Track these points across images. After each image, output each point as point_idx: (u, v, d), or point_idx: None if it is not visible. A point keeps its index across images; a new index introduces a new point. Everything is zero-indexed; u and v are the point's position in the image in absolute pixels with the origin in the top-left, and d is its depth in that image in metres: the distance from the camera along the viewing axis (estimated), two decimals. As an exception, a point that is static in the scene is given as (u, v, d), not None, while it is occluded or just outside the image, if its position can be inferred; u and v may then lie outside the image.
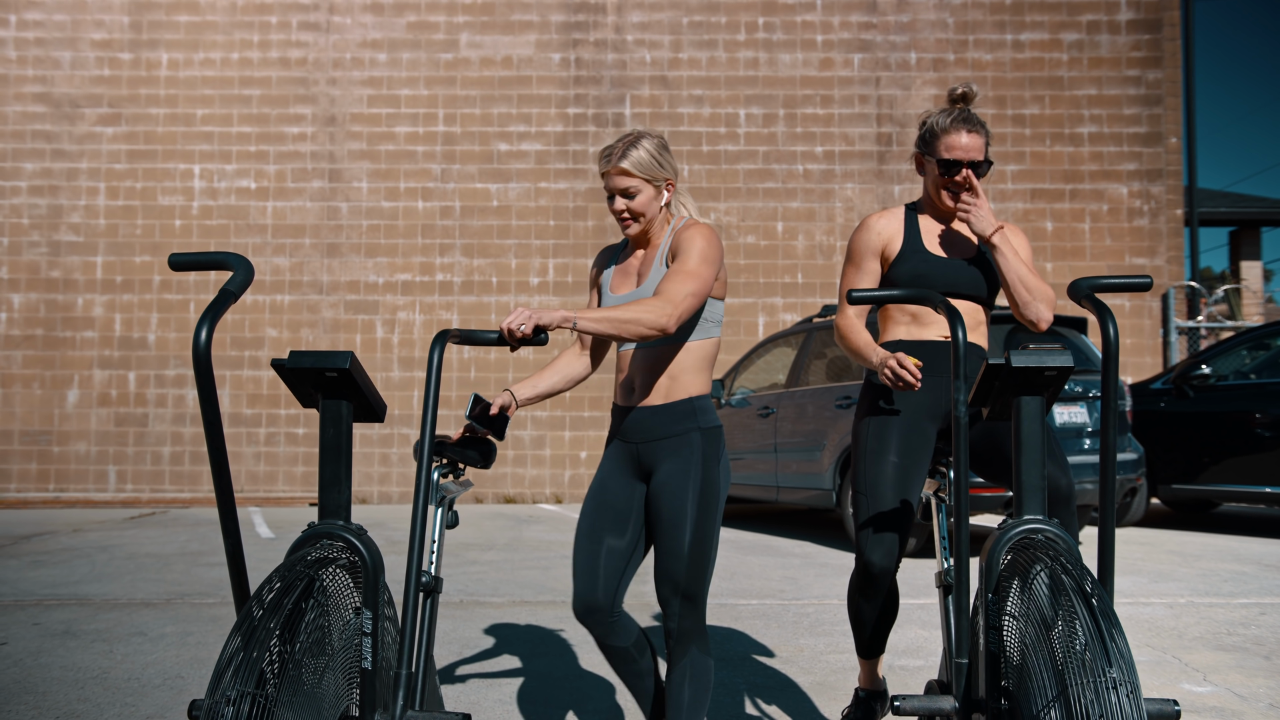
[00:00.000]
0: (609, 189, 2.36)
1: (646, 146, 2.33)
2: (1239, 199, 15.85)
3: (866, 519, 2.36)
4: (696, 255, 2.26)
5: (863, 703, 2.53)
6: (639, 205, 2.34)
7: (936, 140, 2.39)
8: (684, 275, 2.22)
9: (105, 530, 7.50)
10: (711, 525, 2.25)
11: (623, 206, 2.34)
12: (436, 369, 1.95)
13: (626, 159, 2.31)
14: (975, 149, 2.37)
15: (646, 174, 2.32)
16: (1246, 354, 7.60)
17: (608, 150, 2.35)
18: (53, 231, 10.28)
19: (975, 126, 2.37)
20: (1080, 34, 10.33)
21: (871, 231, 2.49)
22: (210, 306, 1.62)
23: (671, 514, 2.24)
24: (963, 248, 2.46)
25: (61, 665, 3.46)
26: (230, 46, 10.41)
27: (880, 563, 2.33)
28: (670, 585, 2.22)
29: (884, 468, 2.37)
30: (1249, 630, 3.96)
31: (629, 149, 2.32)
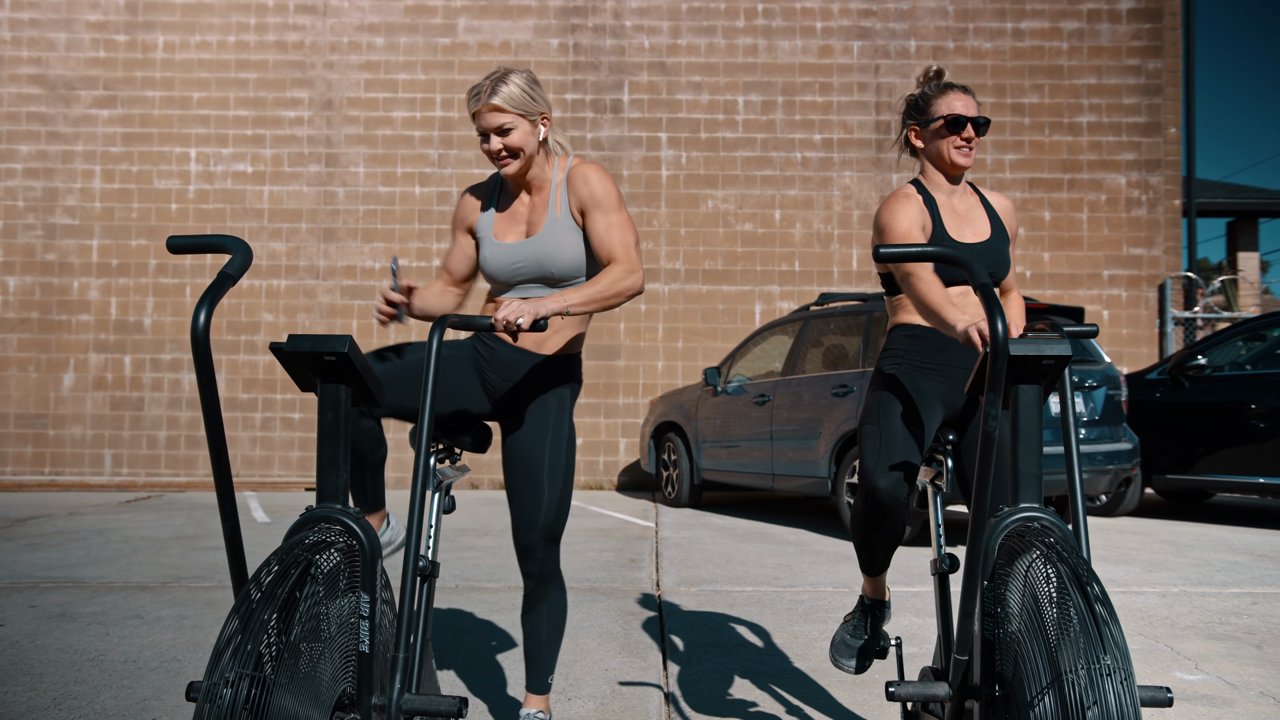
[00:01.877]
0: (483, 128, 2.30)
1: (516, 81, 2.28)
2: (1237, 190, 15.85)
3: (875, 448, 2.33)
4: (614, 201, 2.30)
5: (868, 609, 2.56)
6: (516, 141, 2.29)
7: (934, 102, 2.41)
8: (619, 227, 2.28)
9: (101, 514, 7.50)
10: (572, 472, 2.39)
11: (499, 145, 2.29)
12: (436, 354, 1.95)
13: (497, 95, 2.26)
14: (973, 107, 2.41)
15: (520, 109, 2.28)
16: (1242, 345, 7.62)
17: (476, 89, 2.28)
18: (48, 214, 10.23)
19: (967, 89, 2.43)
20: (1080, 23, 10.29)
21: (914, 204, 2.36)
22: (209, 290, 1.61)
23: (538, 464, 2.34)
24: (978, 229, 2.46)
25: (58, 647, 3.47)
26: (227, 29, 10.35)
27: (888, 489, 2.28)
28: (539, 530, 2.33)
29: (896, 413, 2.36)
30: (1241, 619, 3.99)
31: (498, 84, 2.27)
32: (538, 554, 2.35)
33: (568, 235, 2.32)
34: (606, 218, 2.29)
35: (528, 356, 2.37)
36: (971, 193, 2.52)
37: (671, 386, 10.00)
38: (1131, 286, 10.15)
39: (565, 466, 2.38)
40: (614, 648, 3.53)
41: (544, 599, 2.41)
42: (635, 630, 3.80)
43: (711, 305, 10.17)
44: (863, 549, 2.44)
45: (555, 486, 2.35)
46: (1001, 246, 2.44)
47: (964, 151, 2.41)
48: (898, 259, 1.79)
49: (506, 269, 2.35)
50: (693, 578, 4.91)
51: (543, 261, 2.32)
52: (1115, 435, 6.68)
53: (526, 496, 2.34)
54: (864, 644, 2.57)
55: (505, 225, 2.39)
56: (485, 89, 2.27)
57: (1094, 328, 2.35)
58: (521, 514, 2.35)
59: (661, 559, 5.52)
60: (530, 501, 2.34)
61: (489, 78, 2.29)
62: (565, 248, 2.31)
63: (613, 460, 10.12)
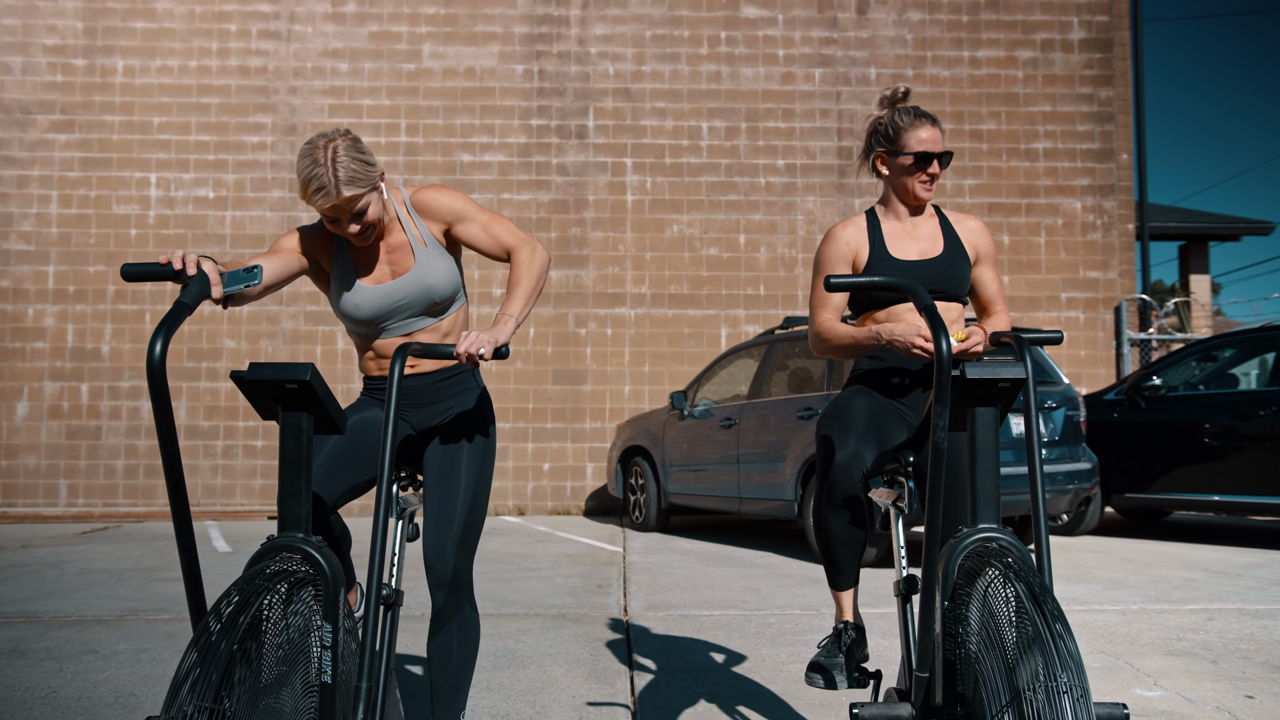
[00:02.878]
0: (334, 218, 2.18)
1: (350, 156, 2.12)
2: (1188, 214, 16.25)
3: (831, 428, 2.36)
4: (471, 206, 2.33)
5: (839, 634, 2.49)
6: (373, 215, 2.21)
7: (902, 135, 2.45)
8: (493, 221, 2.33)
9: (55, 546, 7.33)
10: (488, 478, 2.35)
11: (357, 229, 2.20)
12: (397, 382, 1.94)
13: (345, 185, 2.11)
14: (940, 141, 2.46)
15: (367, 184, 2.16)
16: (1196, 365, 7.79)
17: (319, 185, 2.09)
18: (2, 240, 10.05)
19: (934, 118, 2.47)
20: (1035, 52, 10.55)
21: (840, 241, 2.52)
22: (165, 319, 1.60)
23: (453, 467, 2.30)
24: (927, 246, 2.51)
25: (8, 685, 3.38)
26: (188, 54, 10.28)
27: (843, 461, 2.29)
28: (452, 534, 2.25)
29: (857, 405, 2.42)
30: (1198, 635, 4.06)
31: (335, 168, 2.10)
32: (448, 558, 2.23)
33: (440, 262, 2.33)
34: (476, 221, 2.33)
35: (428, 379, 2.38)
36: (932, 215, 2.57)
37: (638, 410, 10.01)
38: (1089, 309, 10.36)
39: (481, 470, 2.34)
40: (581, 674, 3.51)
41: (454, 616, 2.26)
42: (603, 656, 3.78)
43: (678, 329, 10.22)
44: (825, 544, 2.42)
45: (470, 487, 2.30)
46: (955, 265, 2.48)
47: (927, 186, 2.49)
48: (846, 288, 1.92)
49: (385, 309, 2.30)
50: (660, 602, 4.89)
51: (427, 293, 2.31)
52: (1075, 455, 6.79)
53: (439, 498, 2.28)
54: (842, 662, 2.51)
55: (366, 268, 2.32)
56: (329, 182, 2.10)
57: (1059, 334, 2.39)
58: (433, 516, 2.27)
59: (629, 584, 5.50)
60: (444, 502, 2.27)
61: (317, 164, 2.10)
62: (443, 274, 2.32)
63: (580, 485, 10.08)
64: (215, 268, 1.86)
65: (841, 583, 2.47)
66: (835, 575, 2.47)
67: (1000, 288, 2.61)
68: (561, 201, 10.29)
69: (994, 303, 2.60)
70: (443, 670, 2.27)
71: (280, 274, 2.24)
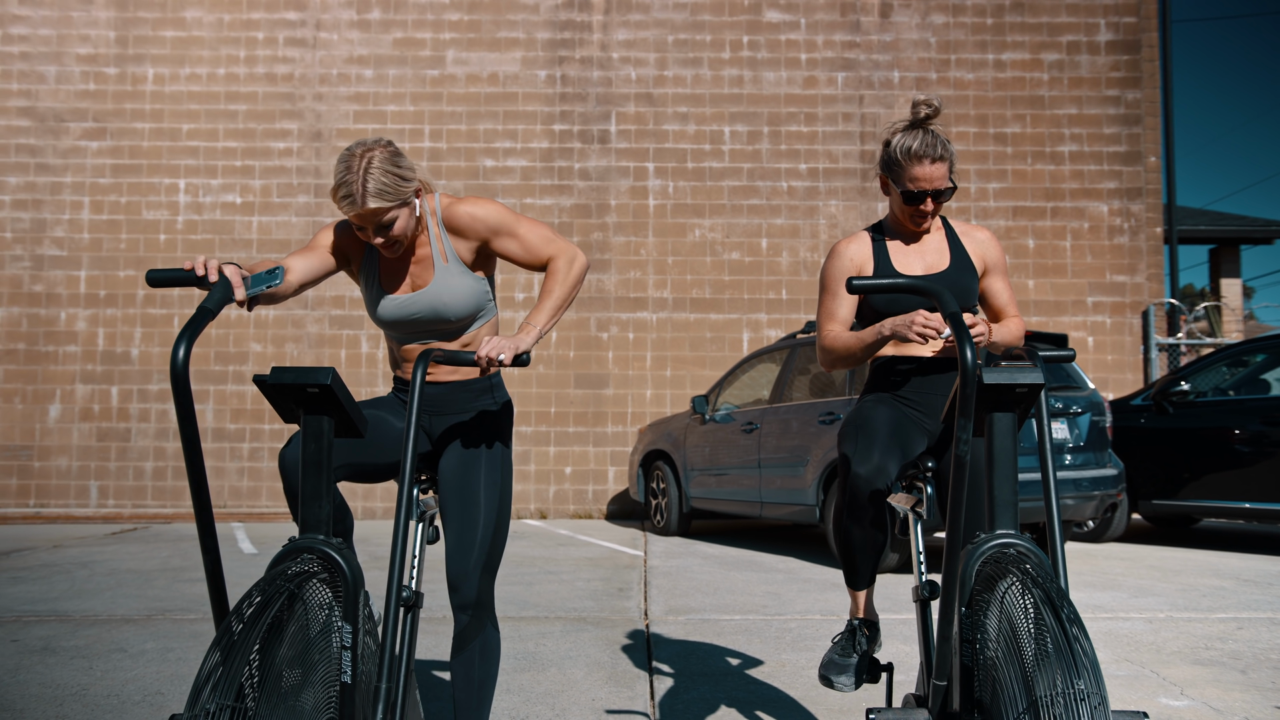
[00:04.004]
0: (360, 225, 2.17)
1: (380, 169, 2.10)
2: (1218, 217, 16.04)
3: (853, 443, 2.34)
4: (509, 218, 2.27)
5: (855, 629, 2.54)
6: (399, 231, 2.18)
7: (901, 170, 2.41)
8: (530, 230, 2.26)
9: (86, 546, 7.44)
10: (508, 496, 2.32)
11: (382, 240, 2.18)
12: (420, 388, 1.96)
13: (372, 196, 2.09)
14: (938, 178, 2.39)
15: (397, 198, 2.13)
16: (1226, 370, 7.69)
17: (347, 192, 2.10)
18: (36, 245, 10.23)
19: (939, 155, 2.37)
20: (1060, 54, 10.47)
21: (844, 258, 2.52)
22: (188, 324, 1.63)
23: (472, 486, 2.27)
24: (933, 261, 2.51)
25: (40, 682, 3.44)
26: (216, 62, 10.42)
27: (865, 475, 2.28)
28: (474, 555, 2.24)
29: (878, 415, 2.40)
30: (1226, 645, 4.00)
31: (366, 181, 2.09)
32: (473, 582, 2.24)
33: (459, 280, 2.29)
34: (514, 236, 2.27)
35: (449, 388, 2.36)
36: (939, 229, 2.56)
37: (660, 415, 10.01)
38: (1115, 313, 10.25)
39: (501, 489, 2.31)
40: (601, 677, 3.52)
41: (477, 635, 2.28)
42: (622, 660, 3.79)
43: (699, 334, 10.22)
44: (845, 551, 2.44)
45: (491, 510, 2.28)
46: (963, 279, 2.47)
47: (920, 221, 2.47)
48: (869, 290, 1.87)
49: (402, 319, 2.31)
50: (681, 606, 4.89)
51: (438, 311, 2.29)
52: (1101, 461, 6.72)
53: (460, 521, 2.27)
54: (856, 663, 2.55)
55: (391, 276, 2.32)
56: (357, 191, 2.09)
57: (1071, 352, 2.38)
58: (455, 539, 2.26)
59: (650, 588, 5.50)
60: (465, 525, 2.26)
61: (351, 170, 2.10)
62: (458, 294, 2.28)
63: (601, 489, 10.10)
64: (238, 271, 1.87)
65: (858, 582, 2.50)
66: (853, 576, 2.49)
67: (1011, 296, 2.60)
68: (583, 206, 10.32)
69: (1005, 311, 2.59)
70: (465, 686, 2.29)
71: (313, 272, 2.26)
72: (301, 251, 2.28)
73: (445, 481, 2.32)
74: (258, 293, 1.91)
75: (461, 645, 2.29)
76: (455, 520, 2.28)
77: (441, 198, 2.33)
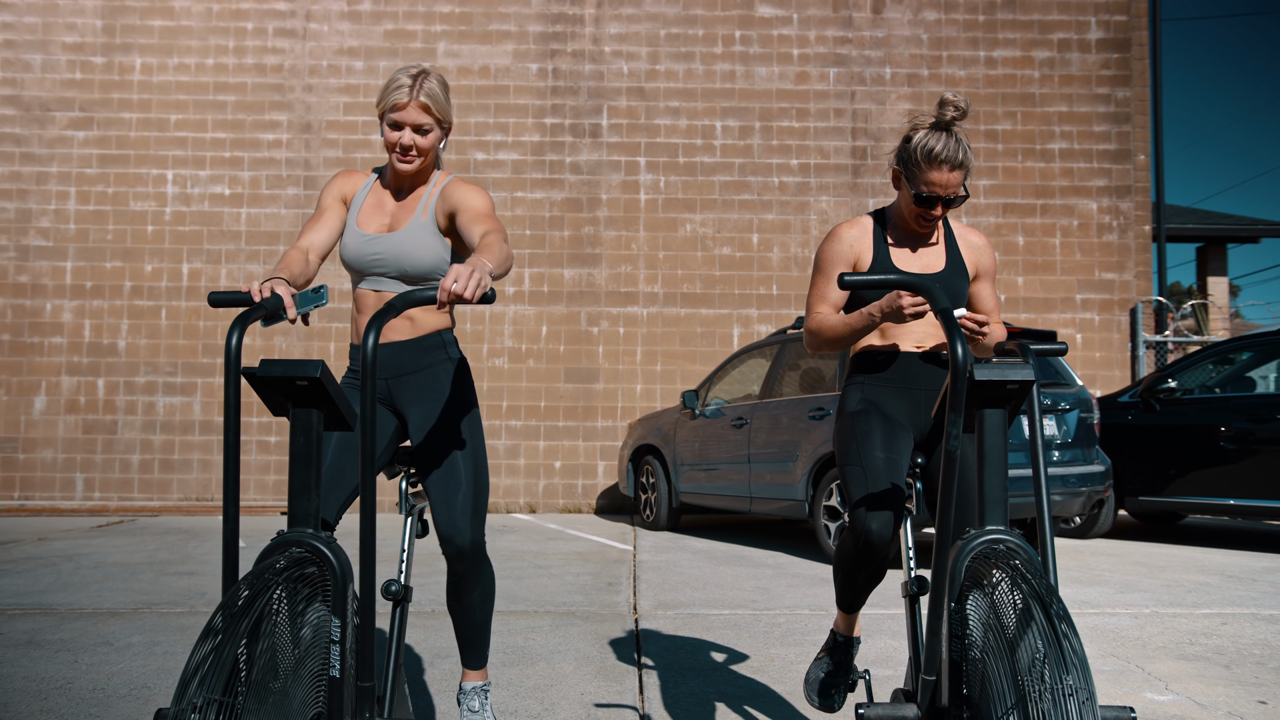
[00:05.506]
0: (398, 122, 2.26)
1: (438, 82, 2.28)
2: (1206, 215, 16.12)
3: (862, 489, 2.32)
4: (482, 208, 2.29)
5: (840, 645, 2.57)
6: (427, 143, 2.31)
7: (918, 171, 2.34)
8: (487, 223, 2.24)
9: (71, 539, 7.40)
10: (484, 445, 2.37)
11: (411, 141, 2.28)
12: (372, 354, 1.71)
13: (424, 93, 2.25)
14: (953, 185, 2.34)
15: (440, 113, 2.29)
16: (1212, 368, 7.74)
17: (397, 83, 2.24)
18: (21, 236, 10.15)
19: (958, 162, 2.31)
20: (1051, 52, 10.49)
21: (843, 242, 2.48)
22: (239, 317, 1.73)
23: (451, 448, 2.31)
24: (930, 260, 2.50)
25: (24, 676, 3.42)
26: (205, 52, 10.35)
27: (880, 531, 2.28)
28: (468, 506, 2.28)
29: (874, 445, 2.37)
30: (1211, 640, 4.03)
31: (424, 82, 2.25)
32: (465, 532, 2.26)
33: (429, 238, 2.33)
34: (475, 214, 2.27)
35: (398, 348, 2.36)
36: (939, 229, 2.54)
37: (650, 409, 10.01)
38: (1104, 310, 10.29)
39: (473, 437, 2.35)
40: (590, 672, 3.52)
41: (477, 583, 2.35)
42: (611, 654, 3.79)
43: (690, 328, 10.22)
44: (845, 588, 2.45)
45: (469, 459, 2.32)
46: (956, 282, 2.45)
47: (925, 224, 2.44)
48: (860, 286, 1.85)
49: (363, 258, 2.35)
50: (670, 601, 4.90)
51: (400, 259, 2.32)
52: (1088, 457, 6.76)
53: (442, 476, 2.29)
54: (833, 679, 2.61)
55: (369, 215, 2.39)
56: (409, 85, 2.23)
57: (1063, 346, 2.39)
58: (440, 494, 2.28)
59: (639, 582, 5.51)
60: (448, 479, 2.28)
61: (409, 74, 2.25)
62: (425, 249, 2.33)
63: (591, 483, 10.10)
64: (288, 290, 1.95)
65: (854, 607, 2.53)
66: (849, 602, 2.51)
67: (996, 303, 2.58)
68: (575, 200, 10.30)
69: (990, 317, 2.57)
70: (472, 626, 2.41)
71: (332, 236, 2.36)
72: (312, 223, 2.35)
73: (421, 446, 2.33)
74: (306, 312, 2.00)
75: (461, 593, 2.36)
76: (437, 476, 2.30)
77: (452, 176, 2.43)
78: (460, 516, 2.26)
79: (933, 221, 2.41)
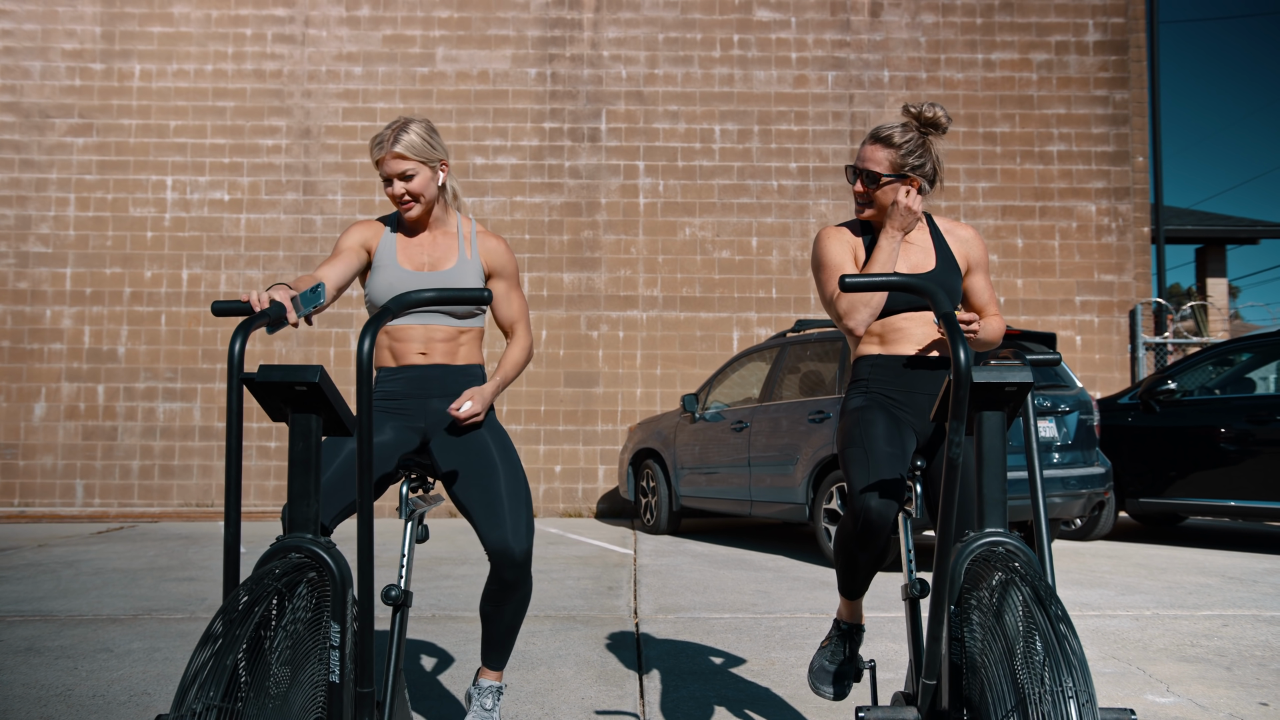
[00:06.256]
0: (386, 174, 2.47)
1: (416, 130, 2.47)
2: (1205, 217, 16.14)
3: (863, 469, 2.32)
4: (516, 274, 2.68)
5: (845, 633, 2.57)
6: (417, 187, 2.47)
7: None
8: (519, 298, 2.65)
9: (71, 545, 7.39)
10: (517, 459, 2.50)
11: (401, 190, 2.47)
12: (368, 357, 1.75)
13: (399, 143, 2.44)
14: (872, 160, 2.45)
15: (421, 156, 2.46)
16: (1212, 369, 7.74)
17: (379, 138, 2.47)
18: (21, 242, 10.16)
19: (882, 137, 2.45)
20: (1049, 54, 10.51)
21: (840, 239, 2.52)
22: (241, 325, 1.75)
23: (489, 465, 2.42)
24: (919, 260, 2.50)
25: (24, 683, 3.41)
26: (204, 58, 10.36)
27: (880, 509, 2.27)
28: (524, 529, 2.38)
29: (877, 434, 2.38)
30: (1212, 642, 4.03)
31: (399, 134, 2.45)
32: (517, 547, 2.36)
33: (475, 279, 2.54)
34: (511, 287, 2.63)
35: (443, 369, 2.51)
36: (923, 228, 2.55)
37: (650, 413, 10.01)
38: (1103, 312, 10.29)
39: (510, 452, 2.49)
40: (591, 676, 3.52)
41: (519, 589, 2.44)
42: (612, 658, 3.79)
43: (689, 332, 10.22)
44: (846, 571, 2.44)
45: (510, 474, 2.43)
46: (948, 279, 2.46)
47: (858, 206, 2.52)
48: (862, 288, 1.84)
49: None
50: (671, 605, 4.90)
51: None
52: (1088, 459, 6.75)
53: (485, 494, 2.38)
54: (841, 668, 2.58)
55: (407, 255, 2.54)
56: (388, 138, 2.44)
57: (1057, 356, 2.39)
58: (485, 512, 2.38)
59: (640, 586, 5.50)
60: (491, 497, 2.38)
61: (390, 127, 2.47)
62: (474, 284, 2.53)
63: (591, 488, 10.10)
64: (288, 294, 2.02)
65: (855, 593, 2.51)
66: (850, 590, 2.50)
67: (992, 294, 2.60)
68: (574, 204, 10.31)
69: (986, 309, 2.58)
70: (503, 628, 2.50)
71: (345, 275, 2.47)
72: (329, 260, 2.47)
73: (452, 463, 2.44)
74: (308, 313, 2.06)
75: (503, 600, 2.44)
76: (480, 494, 2.39)
77: (476, 222, 2.66)
78: (514, 530, 2.36)
79: (862, 205, 2.50)
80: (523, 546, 2.36)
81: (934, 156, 2.47)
